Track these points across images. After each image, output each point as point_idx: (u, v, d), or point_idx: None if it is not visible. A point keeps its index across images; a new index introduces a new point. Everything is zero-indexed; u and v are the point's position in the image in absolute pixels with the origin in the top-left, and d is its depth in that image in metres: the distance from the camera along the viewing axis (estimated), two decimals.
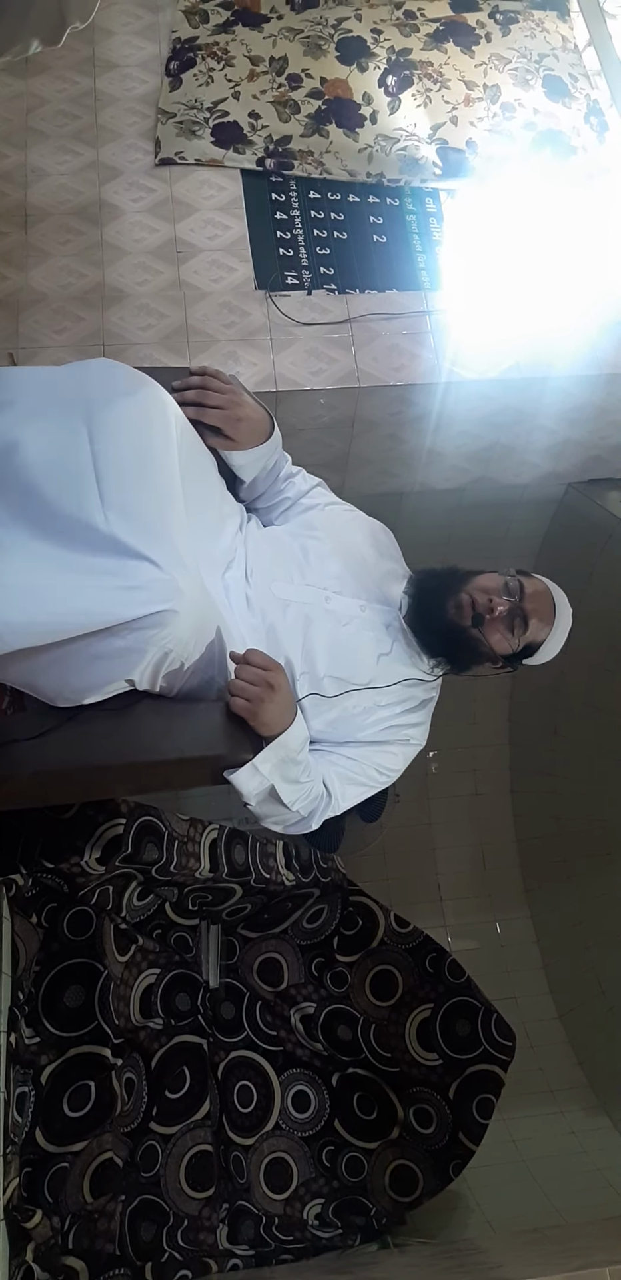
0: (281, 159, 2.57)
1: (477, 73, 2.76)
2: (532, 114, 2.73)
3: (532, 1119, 2.71)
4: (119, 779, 1.55)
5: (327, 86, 2.69)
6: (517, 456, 2.62)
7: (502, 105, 2.72)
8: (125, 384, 1.53)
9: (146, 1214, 2.01)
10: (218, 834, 2.14)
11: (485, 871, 3.33)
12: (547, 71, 2.79)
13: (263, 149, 2.58)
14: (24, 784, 1.44)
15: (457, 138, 2.66)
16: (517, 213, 2.59)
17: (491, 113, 2.71)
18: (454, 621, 1.65)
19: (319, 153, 2.58)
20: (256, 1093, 2.28)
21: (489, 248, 2.54)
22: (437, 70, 2.74)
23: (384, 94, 2.69)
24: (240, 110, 2.62)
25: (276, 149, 2.58)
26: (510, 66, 2.79)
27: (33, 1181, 1.83)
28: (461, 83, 2.73)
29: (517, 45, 2.84)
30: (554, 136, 2.71)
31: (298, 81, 2.67)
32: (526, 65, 2.79)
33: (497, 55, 2.80)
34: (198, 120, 2.60)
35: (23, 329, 2.24)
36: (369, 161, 2.60)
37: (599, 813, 3.16)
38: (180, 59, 2.72)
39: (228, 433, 1.71)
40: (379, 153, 2.60)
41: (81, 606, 1.35)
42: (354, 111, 2.66)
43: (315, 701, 1.63)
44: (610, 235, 2.59)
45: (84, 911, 2.04)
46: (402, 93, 2.69)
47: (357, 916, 2.39)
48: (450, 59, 2.77)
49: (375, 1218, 2.22)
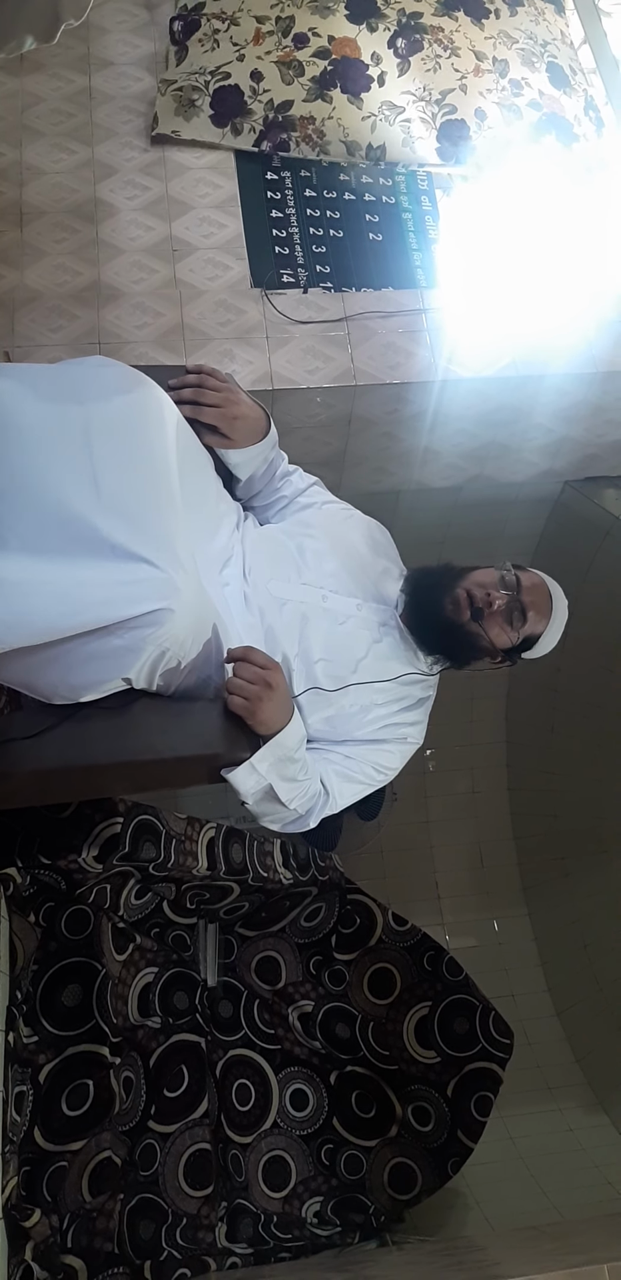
0: (279, 137, 2.49)
1: (487, 45, 2.70)
2: (538, 95, 2.68)
3: (531, 1116, 2.71)
4: (116, 778, 1.55)
5: (335, 45, 2.60)
6: (514, 454, 2.62)
7: (511, 81, 2.67)
8: (121, 382, 1.53)
9: (145, 1212, 2.01)
10: (215, 832, 2.14)
11: (483, 869, 3.33)
12: (551, 59, 2.76)
13: (262, 119, 2.50)
14: (21, 783, 1.44)
15: (467, 106, 2.60)
16: (514, 209, 2.58)
17: (500, 86, 2.65)
18: (451, 618, 1.65)
19: (320, 120, 2.50)
20: (255, 1091, 2.28)
21: (485, 245, 2.54)
22: (448, 37, 2.65)
23: (393, 55, 2.60)
24: (242, 72, 2.56)
25: (277, 117, 2.50)
26: (517, 46, 2.73)
27: (31, 1180, 1.83)
28: (471, 52, 2.67)
29: (524, 28, 2.78)
30: (557, 121, 2.66)
31: (304, 41, 2.59)
32: (532, 48, 2.74)
33: (506, 33, 2.74)
34: (198, 87, 2.54)
35: (18, 327, 2.23)
36: (371, 132, 2.52)
37: (596, 810, 3.16)
38: (184, 20, 2.67)
39: (224, 431, 1.72)
40: (382, 122, 2.53)
41: (78, 605, 1.35)
42: (361, 73, 2.57)
43: (312, 699, 1.63)
44: (606, 232, 2.59)
45: (82, 910, 2.04)
46: (412, 55, 2.60)
47: (355, 915, 2.39)
48: (460, 28, 2.69)
49: (374, 1215, 2.23)
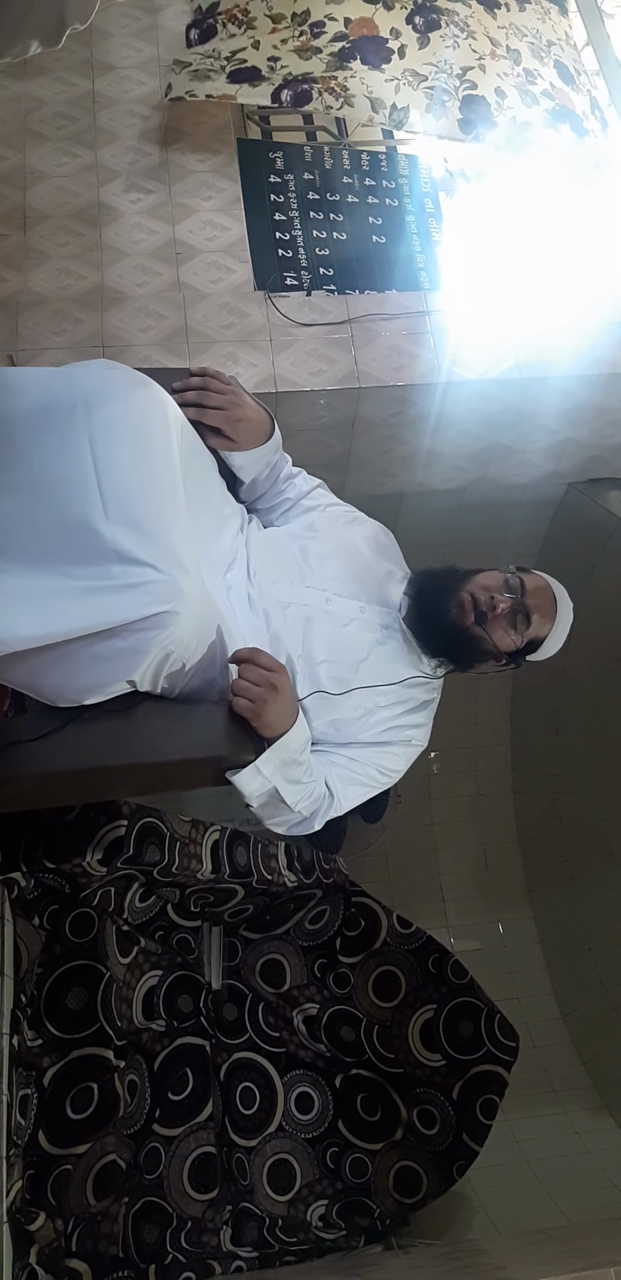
0: (300, 88, 2.44)
1: (500, 33, 2.67)
2: (550, 86, 2.66)
3: (536, 1120, 2.70)
4: (121, 780, 1.55)
5: (352, 27, 2.54)
6: (517, 457, 2.62)
7: (525, 69, 2.65)
8: (125, 385, 1.52)
9: (150, 1216, 2.01)
10: (219, 835, 2.14)
11: (487, 872, 3.33)
12: (556, 58, 2.74)
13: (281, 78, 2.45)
14: (26, 786, 1.44)
15: (487, 84, 2.56)
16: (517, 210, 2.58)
17: (516, 72, 2.63)
18: (455, 621, 1.65)
19: (343, 79, 2.43)
20: (259, 1094, 2.28)
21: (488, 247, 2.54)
22: (463, 21, 2.61)
23: (412, 29, 2.55)
24: (259, 58, 2.52)
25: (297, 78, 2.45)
26: (527, 39, 2.72)
27: (36, 1184, 1.83)
28: (487, 38, 2.64)
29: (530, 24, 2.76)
30: (569, 114, 2.65)
31: (321, 28, 2.54)
32: (539, 44, 2.73)
33: (516, 25, 2.72)
34: (214, 68, 2.51)
35: (22, 331, 2.24)
36: (396, 93, 2.45)
37: (601, 812, 3.16)
38: (201, 27, 2.66)
39: (228, 433, 1.71)
40: (406, 86, 2.47)
41: (83, 608, 1.35)
42: (380, 46, 2.51)
43: (317, 701, 1.63)
44: (610, 233, 2.59)
45: (86, 913, 2.04)
46: (431, 33, 2.55)
47: (360, 917, 2.39)
48: (474, 14, 2.66)
49: (379, 1219, 2.22)
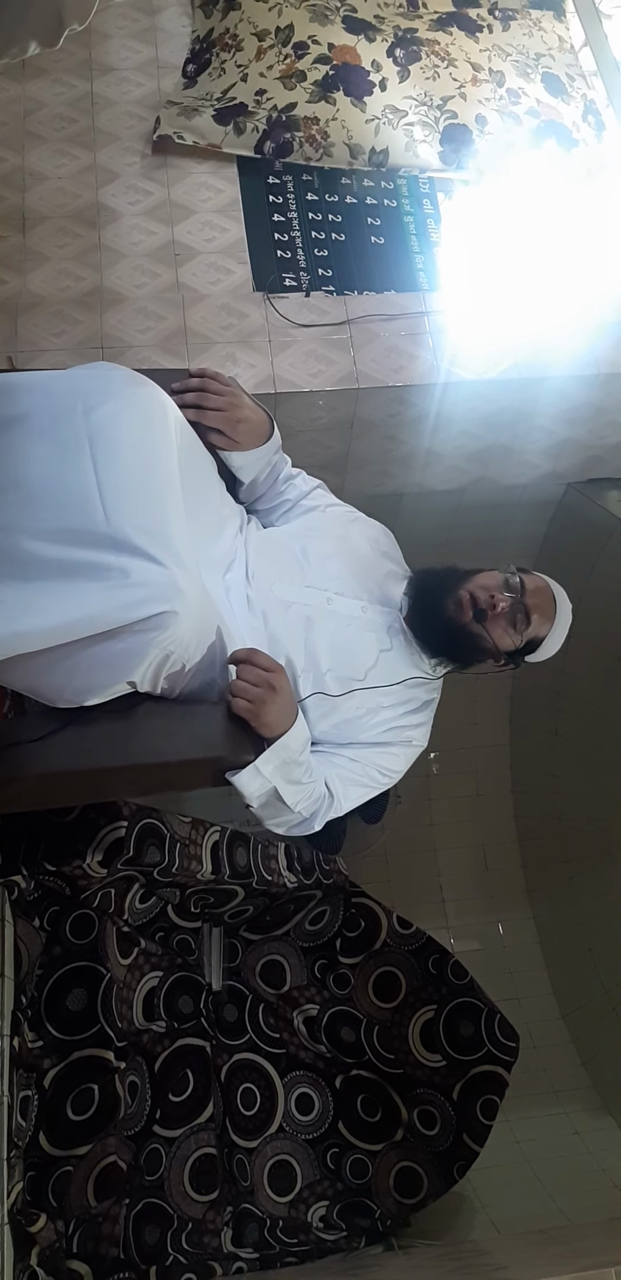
0: (282, 138, 2.50)
1: (482, 57, 2.73)
2: (535, 103, 2.71)
3: (537, 1120, 2.70)
4: (121, 781, 1.55)
5: (335, 53, 2.61)
6: (516, 457, 2.62)
7: (508, 90, 2.70)
8: (124, 386, 1.53)
9: (151, 1217, 2.01)
10: (219, 836, 2.14)
11: (487, 872, 3.33)
12: (545, 70, 2.78)
13: (265, 122, 2.52)
14: (26, 787, 1.44)
15: (467, 113, 2.62)
16: (515, 211, 2.59)
17: (498, 95, 2.68)
18: (454, 619, 1.65)
19: (324, 121, 2.50)
20: (260, 1095, 2.28)
21: (487, 247, 2.54)
22: (444, 49, 2.69)
23: (392, 63, 2.62)
24: (247, 92, 2.58)
25: (281, 117, 2.51)
26: (511, 59, 2.77)
27: (37, 1185, 1.83)
28: (468, 64, 2.70)
29: (516, 42, 2.81)
30: (556, 128, 2.69)
31: (304, 49, 2.61)
32: (525, 61, 2.77)
33: (499, 46, 2.78)
34: (203, 106, 2.57)
35: (21, 332, 2.24)
36: (375, 135, 2.54)
37: (600, 812, 3.16)
38: (198, 61, 2.71)
39: (228, 434, 1.72)
40: (385, 126, 2.54)
41: (82, 610, 1.35)
42: (362, 78, 2.58)
43: (318, 702, 1.63)
44: (607, 234, 2.59)
45: (86, 914, 2.04)
46: (411, 65, 2.63)
47: (360, 918, 2.39)
48: (455, 40, 2.73)
49: (379, 1220, 2.22)
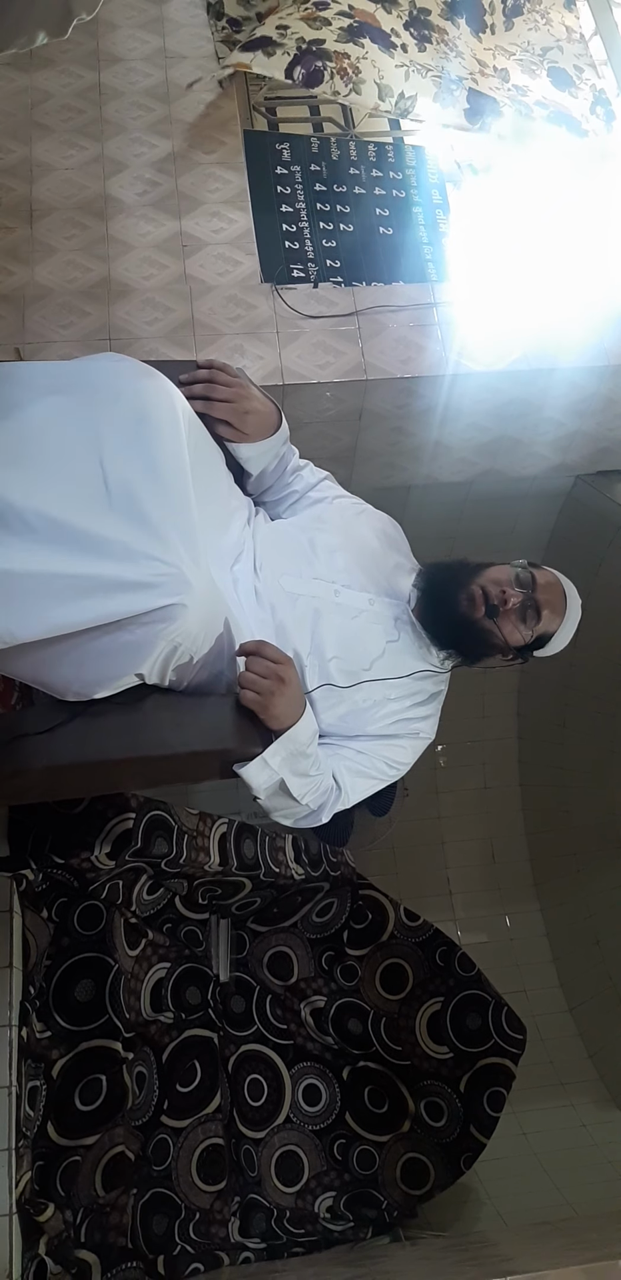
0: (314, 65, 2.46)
1: (487, 55, 2.73)
2: (542, 98, 2.70)
3: (543, 1112, 2.71)
4: (128, 773, 1.55)
5: (356, 12, 2.61)
6: (525, 449, 2.61)
7: (513, 86, 2.69)
8: (132, 377, 1.52)
9: (158, 1207, 2.02)
10: (227, 828, 2.14)
11: (494, 865, 3.33)
12: (551, 64, 2.77)
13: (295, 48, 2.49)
14: (34, 779, 1.44)
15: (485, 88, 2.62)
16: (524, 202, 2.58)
17: (506, 88, 2.67)
18: (466, 614, 1.65)
19: (355, 58, 2.48)
20: (267, 1086, 2.29)
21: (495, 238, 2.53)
22: (452, 41, 2.68)
23: (410, 35, 2.62)
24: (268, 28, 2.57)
25: (311, 47, 2.48)
26: (515, 58, 2.76)
27: (45, 1175, 1.84)
28: (475, 59, 2.69)
29: (520, 40, 2.80)
30: (565, 118, 2.67)
31: (324, 6, 2.59)
32: (530, 58, 2.77)
33: (502, 47, 2.77)
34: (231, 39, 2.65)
35: (29, 324, 2.24)
36: (405, 79, 2.52)
37: (608, 805, 3.15)
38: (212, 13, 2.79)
39: (235, 425, 1.71)
40: (415, 73, 2.53)
41: (90, 601, 1.34)
42: (385, 37, 2.58)
43: (325, 694, 1.62)
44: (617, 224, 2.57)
45: (94, 906, 2.04)
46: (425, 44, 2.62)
47: (367, 910, 2.39)
48: (461, 35, 2.72)
49: (386, 1211, 2.23)
